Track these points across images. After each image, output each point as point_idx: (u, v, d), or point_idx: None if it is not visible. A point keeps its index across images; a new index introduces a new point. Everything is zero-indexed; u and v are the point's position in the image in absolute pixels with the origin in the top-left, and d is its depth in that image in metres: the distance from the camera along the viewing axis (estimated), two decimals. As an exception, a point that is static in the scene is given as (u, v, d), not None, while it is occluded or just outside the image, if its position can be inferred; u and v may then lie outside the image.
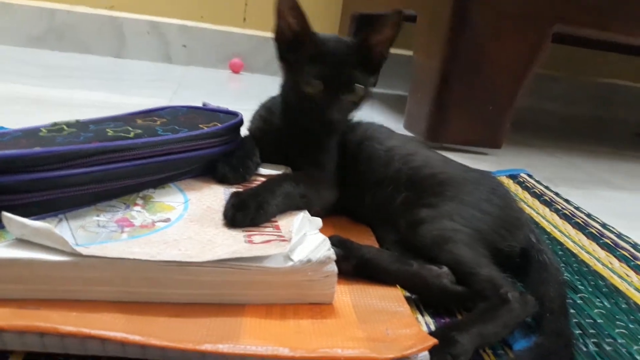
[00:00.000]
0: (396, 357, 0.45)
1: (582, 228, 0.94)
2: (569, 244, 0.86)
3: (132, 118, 0.74)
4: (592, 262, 0.80)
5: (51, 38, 2.08)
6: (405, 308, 0.55)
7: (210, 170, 0.72)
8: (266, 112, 0.83)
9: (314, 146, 0.77)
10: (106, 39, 2.13)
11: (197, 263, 0.49)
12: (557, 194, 1.11)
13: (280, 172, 0.75)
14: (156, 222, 0.57)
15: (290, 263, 0.51)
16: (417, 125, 1.44)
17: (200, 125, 0.71)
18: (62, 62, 1.93)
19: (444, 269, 0.61)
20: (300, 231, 0.56)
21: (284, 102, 0.80)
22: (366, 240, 0.71)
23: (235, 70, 2.21)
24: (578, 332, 0.60)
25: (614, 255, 0.84)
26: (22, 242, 0.47)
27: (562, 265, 0.76)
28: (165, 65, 2.18)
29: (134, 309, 0.47)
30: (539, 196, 1.09)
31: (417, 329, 0.50)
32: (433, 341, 0.47)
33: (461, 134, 1.42)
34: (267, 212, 0.61)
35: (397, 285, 0.61)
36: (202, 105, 0.85)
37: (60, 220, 0.55)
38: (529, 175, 1.22)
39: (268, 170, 0.76)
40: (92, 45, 2.12)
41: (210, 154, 0.70)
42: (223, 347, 0.43)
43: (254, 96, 0.87)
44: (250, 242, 0.55)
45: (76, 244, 0.49)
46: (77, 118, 0.69)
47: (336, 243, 0.60)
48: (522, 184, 1.16)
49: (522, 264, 0.68)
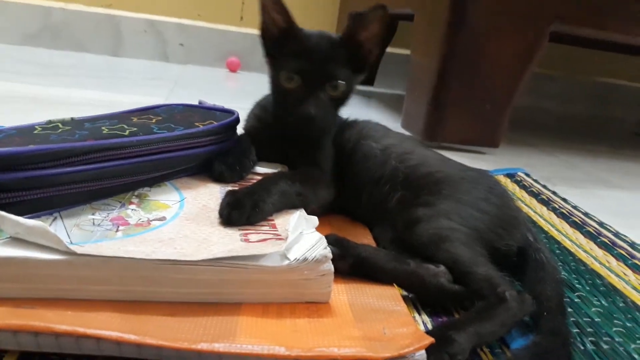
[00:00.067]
0: (393, 356, 0.44)
1: (580, 227, 0.93)
2: (567, 243, 0.86)
3: (128, 116, 0.73)
4: (589, 261, 0.80)
5: (47, 36, 2.07)
6: (402, 307, 0.55)
7: (207, 169, 0.71)
8: (261, 111, 0.83)
9: (308, 144, 0.77)
10: (103, 37, 2.13)
11: (193, 262, 0.48)
12: (554, 193, 1.11)
13: (276, 171, 0.74)
14: (151, 220, 0.57)
15: (286, 262, 0.51)
16: (415, 124, 1.44)
17: (196, 124, 0.71)
18: (58, 60, 1.92)
19: (441, 267, 0.61)
20: (296, 230, 0.55)
21: (273, 99, 0.80)
22: (363, 239, 0.71)
23: (233, 68, 2.21)
24: (575, 330, 0.60)
25: (611, 254, 0.84)
26: (16, 241, 0.47)
27: (560, 264, 0.76)
28: (162, 63, 2.18)
29: (129, 308, 0.47)
30: (536, 195, 1.09)
31: (414, 328, 0.50)
32: (430, 340, 0.47)
33: (459, 133, 1.42)
34: (263, 210, 0.61)
35: (394, 284, 0.60)
36: (198, 103, 0.85)
37: (55, 219, 0.54)
38: (527, 174, 1.22)
39: (264, 169, 0.75)
40: (88, 44, 2.12)
41: (206, 152, 0.70)
42: (219, 346, 0.43)
43: (251, 95, 0.86)
44: (247, 240, 0.55)
45: (71, 243, 0.49)
46: (73, 116, 0.69)
47: (333, 242, 0.59)
48: (519, 182, 1.16)
49: (519, 262, 0.68)
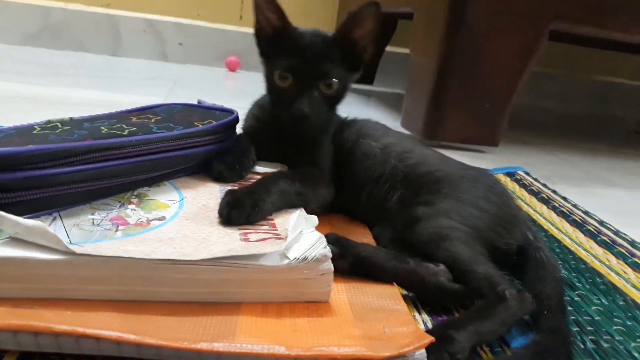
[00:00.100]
0: (393, 355, 0.44)
1: (580, 225, 0.93)
2: (567, 242, 0.86)
3: (127, 116, 0.73)
4: (589, 260, 0.80)
5: (47, 36, 2.07)
6: (402, 306, 0.55)
7: (206, 168, 0.71)
8: (259, 110, 0.83)
9: (306, 144, 0.77)
10: (102, 37, 2.13)
11: (192, 261, 0.48)
12: (554, 192, 1.11)
13: (276, 170, 0.74)
14: (151, 220, 0.57)
15: (286, 261, 0.51)
16: (415, 124, 1.44)
17: (196, 123, 0.71)
18: (58, 60, 1.92)
19: (441, 266, 0.61)
20: (296, 229, 0.55)
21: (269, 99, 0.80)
22: (363, 238, 0.71)
23: (232, 68, 2.21)
24: (575, 329, 0.60)
25: (611, 252, 0.84)
26: (15, 241, 0.47)
27: (560, 262, 0.76)
28: (161, 63, 2.18)
29: (129, 307, 0.47)
30: (536, 194, 1.09)
31: (414, 327, 0.50)
32: (430, 339, 0.47)
33: (458, 132, 1.42)
34: (262, 210, 0.61)
35: (394, 283, 0.60)
36: (197, 102, 0.85)
37: (54, 219, 0.54)
38: (527, 173, 1.22)
39: (264, 168, 0.75)
40: (88, 44, 2.11)
41: (205, 151, 0.70)
42: (218, 346, 0.43)
43: (250, 94, 0.86)
44: (246, 240, 0.55)
45: (70, 243, 0.49)
46: (72, 116, 0.69)
47: (332, 241, 0.59)
48: (519, 181, 1.16)
49: (519, 261, 0.68)
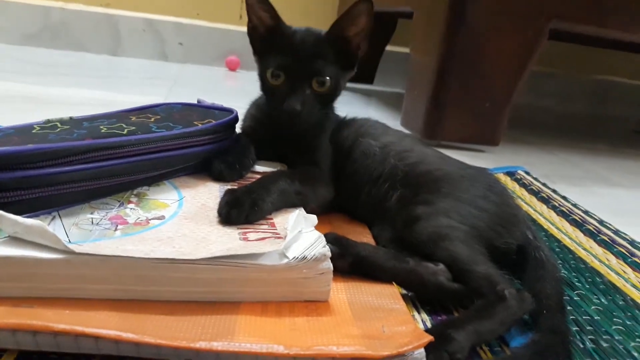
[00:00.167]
0: (392, 355, 0.44)
1: (580, 225, 0.93)
2: (566, 241, 0.86)
3: (126, 115, 0.73)
4: (589, 259, 0.80)
5: (46, 36, 2.07)
6: (402, 305, 0.55)
7: (205, 168, 0.71)
8: (256, 110, 0.83)
9: (305, 143, 0.77)
10: (102, 37, 2.12)
11: (191, 260, 0.48)
12: (554, 191, 1.11)
13: (275, 170, 0.74)
14: (150, 219, 0.57)
15: (285, 260, 0.50)
16: (414, 123, 1.44)
17: (195, 122, 0.71)
18: (57, 60, 1.92)
19: (440, 266, 0.61)
20: (295, 228, 0.55)
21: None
22: (362, 237, 0.71)
23: (232, 67, 2.20)
24: (575, 328, 0.60)
25: (611, 252, 0.84)
26: (15, 240, 0.47)
27: (559, 262, 0.76)
28: (161, 63, 2.18)
29: (127, 306, 0.47)
30: (536, 193, 1.09)
31: (413, 327, 0.50)
32: (429, 338, 0.47)
33: (458, 131, 1.41)
34: (261, 209, 0.61)
35: (393, 282, 0.60)
36: (197, 102, 0.84)
37: (54, 218, 0.54)
38: (527, 173, 1.22)
39: (263, 168, 0.75)
40: (87, 43, 2.11)
41: (205, 151, 0.70)
42: (217, 345, 0.43)
43: (250, 94, 0.86)
44: (245, 239, 0.55)
45: (69, 242, 0.49)
46: (71, 115, 0.69)
47: (332, 240, 0.59)
48: (519, 181, 1.16)
49: (519, 261, 0.68)
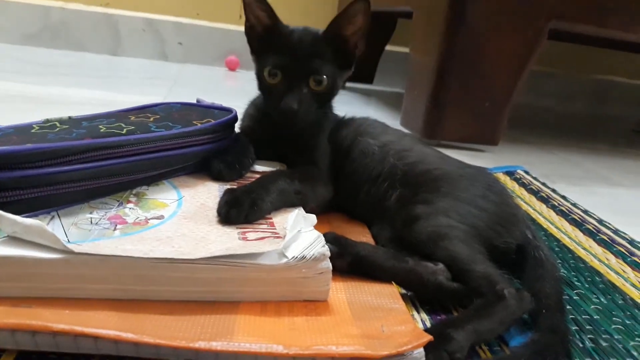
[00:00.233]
0: (391, 354, 0.44)
1: (579, 224, 0.93)
2: (566, 240, 0.86)
3: (126, 115, 0.73)
4: (588, 258, 0.80)
5: (46, 36, 2.07)
6: (401, 305, 0.55)
7: (205, 167, 0.71)
8: (255, 110, 0.83)
9: (303, 142, 0.77)
10: (101, 37, 2.13)
11: (191, 260, 0.48)
12: (554, 191, 1.11)
13: (275, 169, 0.74)
14: (149, 219, 0.57)
15: (284, 260, 0.50)
16: (414, 123, 1.44)
17: (194, 122, 0.71)
18: (57, 59, 1.92)
19: (440, 265, 0.61)
20: (294, 228, 0.55)
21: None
22: (362, 237, 0.71)
23: (232, 67, 2.21)
24: (574, 328, 0.60)
25: (610, 251, 0.84)
26: (14, 240, 0.47)
27: (559, 261, 0.76)
28: (161, 62, 2.18)
29: (127, 306, 0.47)
30: (535, 193, 1.09)
31: (413, 326, 0.50)
32: (428, 338, 0.47)
33: (458, 131, 1.41)
34: (261, 208, 0.61)
35: (392, 282, 0.60)
36: (196, 101, 0.84)
37: (53, 218, 0.54)
38: (526, 172, 1.22)
39: (263, 167, 0.75)
40: (87, 43, 2.11)
41: (204, 150, 0.70)
42: (217, 345, 0.43)
43: (250, 93, 0.86)
44: (244, 239, 0.55)
45: (68, 242, 0.49)
46: (70, 115, 0.69)
47: (331, 240, 0.59)
48: (519, 180, 1.16)
49: (518, 260, 0.68)
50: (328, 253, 0.52)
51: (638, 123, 2.49)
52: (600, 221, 0.96)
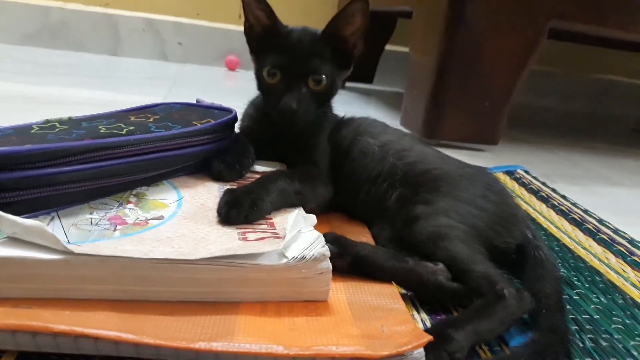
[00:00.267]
0: (391, 354, 0.44)
1: (579, 224, 0.93)
2: (566, 240, 0.86)
3: (125, 115, 0.73)
4: (588, 258, 0.80)
5: (45, 36, 2.07)
6: (401, 305, 0.55)
7: (205, 168, 0.71)
8: (254, 110, 0.83)
9: (303, 142, 0.77)
10: (101, 37, 2.12)
11: (190, 261, 0.48)
12: (554, 190, 1.11)
13: (274, 169, 0.74)
14: (149, 219, 0.57)
15: (284, 260, 0.50)
16: (414, 122, 1.44)
17: (194, 122, 0.71)
18: (56, 60, 1.92)
19: (440, 265, 0.61)
20: (294, 228, 0.55)
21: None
22: (362, 237, 0.71)
23: (231, 67, 2.20)
24: (574, 327, 0.60)
25: (610, 250, 0.84)
26: (14, 241, 0.47)
27: (559, 261, 0.76)
28: (160, 62, 2.18)
29: (127, 307, 0.47)
30: (535, 192, 1.09)
31: (413, 326, 0.50)
32: (428, 338, 0.47)
33: (458, 130, 1.41)
34: (261, 209, 0.61)
35: (392, 282, 0.60)
36: (196, 101, 0.84)
37: (53, 218, 0.54)
38: (526, 172, 1.22)
39: (263, 167, 0.75)
40: (87, 43, 2.11)
41: (204, 150, 0.70)
42: (217, 345, 0.43)
43: (249, 93, 0.86)
44: (244, 239, 0.55)
45: (68, 242, 0.49)
46: (70, 115, 0.69)
47: (331, 240, 0.59)
48: (518, 180, 1.16)
49: (518, 260, 0.68)
50: (328, 253, 0.52)
51: (638, 122, 2.49)
52: (600, 221, 0.96)
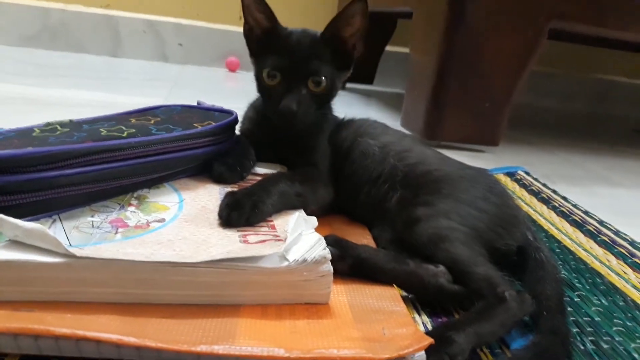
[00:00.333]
0: (392, 357, 0.44)
1: (580, 225, 0.93)
2: (567, 242, 0.86)
3: (126, 117, 0.73)
4: (589, 260, 0.80)
5: (45, 37, 2.07)
6: (402, 307, 0.55)
7: (206, 170, 0.71)
8: (254, 113, 0.83)
9: (303, 144, 0.77)
10: (101, 38, 2.13)
11: (192, 264, 0.48)
12: (554, 192, 1.11)
13: (275, 171, 0.74)
14: (151, 222, 0.57)
15: (285, 263, 0.51)
16: (414, 123, 1.44)
17: (195, 124, 0.71)
18: (57, 61, 1.92)
19: (441, 268, 0.61)
20: (295, 230, 0.55)
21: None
22: (363, 239, 0.71)
23: (232, 68, 2.21)
24: (575, 330, 0.60)
25: (611, 252, 0.84)
26: (15, 244, 0.47)
27: (560, 263, 0.76)
28: (161, 64, 2.18)
29: (129, 310, 0.47)
30: (536, 194, 1.09)
31: (414, 329, 0.50)
32: (429, 341, 0.47)
33: (458, 131, 1.41)
34: (262, 211, 0.61)
35: (393, 284, 0.60)
36: (196, 103, 0.84)
37: (54, 221, 0.54)
38: (527, 173, 1.22)
39: (263, 169, 0.75)
40: (87, 44, 2.11)
41: (204, 153, 0.70)
42: (218, 348, 0.43)
43: (250, 94, 0.86)
44: (246, 242, 0.55)
45: (70, 245, 0.49)
46: (71, 118, 0.69)
47: (332, 242, 0.59)
48: (519, 181, 1.16)
49: (519, 262, 0.68)
50: (329, 256, 0.52)
51: (638, 123, 2.49)
52: (601, 222, 0.96)
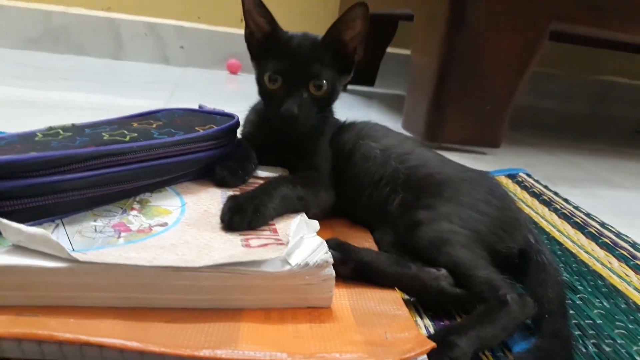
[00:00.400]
0: (394, 361, 0.44)
1: (581, 227, 0.93)
2: (568, 244, 0.86)
3: (128, 121, 0.73)
4: (591, 262, 0.80)
5: (47, 40, 2.08)
6: (404, 311, 0.55)
7: (208, 174, 0.71)
8: (255, 116, 0.84)
9: (304, 147, 0.78)
10: (103, 41, 2.13)
11: (194, 268, 0.48)
12: (556, 193, 1.11)
13: (277, 175, 0.74)
14: (153, 226, 0.57)
15: (287, 267, 0.51)
16: (415, 125, 1.44)
17: (197, 128, 0.71)
18: (58, 64, 1.93)
19: (442, 271, 0.61)
20: (297, 234, 0.56)
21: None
22: (364, 242, 0.71)
23: (233, 71, 2.21)
24: (577, 333, 0.60)
25: (613, 254, 0.84)
26: (18, 249, 0.47)
27: (561, 265, 0.76)
28: (162, 66, 2.18)
29: (131, 314, 0.47)
30: (537, 195, 1.09)
31: (416, 332, 0.50)
32: (432, 344, 0.47)
33: (459, 133, 1.42)
34: (264, 215, 0.61)
35: (395, 288, 0.60)
36: (198, 107, 0.85)
37: (57, 226, 0.54)
38: (528, 175, 1.22)
39: (265, 173, 0.75)
40: (88, 47, 2.12)
41: (206, 156, 0.70)
42: (221, 353, 0.43)
43: (251, 97, 0.86)
44: (248, 245, 0.55)
45: (73, 250, 0.49)
46: (73, 122, 0.69)
47: (334, 246, 0.60)
48: (520, 183, 1.16)
49: (520, 264, 0.68)
50: (331, 260, 0.52)
51: (639, 124, 2.49)
52: (602, 224, 0.96)
